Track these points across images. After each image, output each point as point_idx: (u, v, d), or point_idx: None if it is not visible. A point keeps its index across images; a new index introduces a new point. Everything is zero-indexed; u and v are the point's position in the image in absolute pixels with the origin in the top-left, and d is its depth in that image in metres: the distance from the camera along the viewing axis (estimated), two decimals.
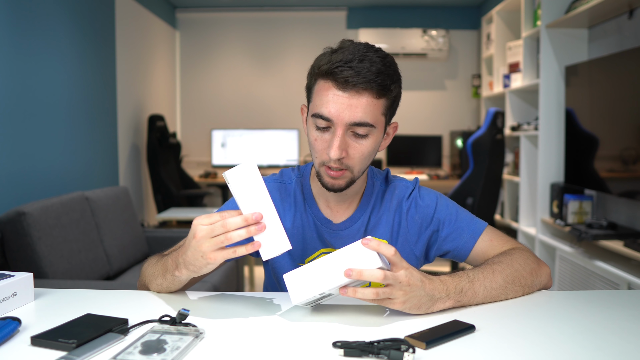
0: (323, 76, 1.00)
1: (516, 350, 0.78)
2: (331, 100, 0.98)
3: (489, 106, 4.64)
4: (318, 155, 1.03)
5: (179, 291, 1.07)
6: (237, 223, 0.86)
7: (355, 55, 0.98)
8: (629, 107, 2.58)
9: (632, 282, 2.33)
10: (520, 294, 1.04)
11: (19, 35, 2.59)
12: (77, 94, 3.22)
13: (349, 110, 0.97)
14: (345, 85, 0.97)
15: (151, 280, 1.05)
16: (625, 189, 2.66)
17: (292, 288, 0.89)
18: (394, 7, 5.32)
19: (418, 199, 1.15)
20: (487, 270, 1.01)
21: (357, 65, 0.96)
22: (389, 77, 1.00)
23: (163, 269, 1.01)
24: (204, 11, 5.37)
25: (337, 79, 0.97)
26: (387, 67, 1.00)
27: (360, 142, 1.01)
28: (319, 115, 1.00)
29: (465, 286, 0.96)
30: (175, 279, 0.98)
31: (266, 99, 5.41)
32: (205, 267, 0.92)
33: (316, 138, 1.02)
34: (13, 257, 2.18)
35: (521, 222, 3.70)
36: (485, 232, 1.13)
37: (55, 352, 0.76)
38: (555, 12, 3.23)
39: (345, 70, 0.96)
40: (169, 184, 4.19)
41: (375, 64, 0.98)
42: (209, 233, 0.87)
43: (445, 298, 0.93)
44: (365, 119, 0.98)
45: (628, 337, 0.84)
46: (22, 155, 2.63)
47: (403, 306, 0.89)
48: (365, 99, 0.98)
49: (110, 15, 3.74)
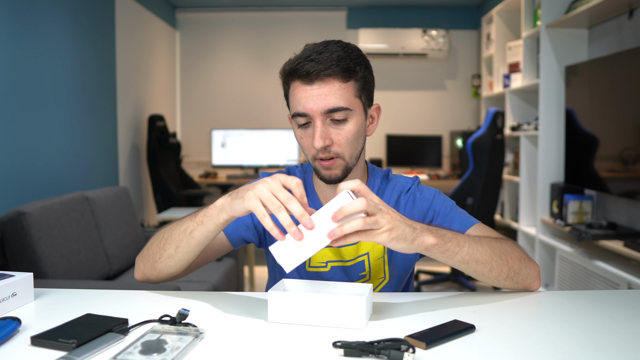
0: (289, 77, 1.04)
1: (516, 350, 0.78)
2: (301, 96, 1.02)
3: (489, 106, 4.64)
4: (307, 151, 1.06)
5: (179, 291, 1.07)
6: (294, 209, 0.85)
7: (313, 50, 1.01)
8: (629, 107, 2.58)
9: (632, 282, 2.33)
10: (505, 276, 1.01)
11: (19, 35, 2.59)
12: (77, 94, 3.22)
13: (320, 99, 1.00)
14: (309, 78, 1.00)
15: (165, 244, 1.03)
16: (625, 189, 2.66)
17: (281, 259, 0.88)
18: (394, 7, 5.32)
19: (417, 192, 1.16)
20: (474, 237, 1.00)
21: (316, 57, 1.00)
22: (352, 60, 1.02)
23: (180, 222, 1.01)
24: (204, 11, 5.37)
25: (301, 75, 1.01)
26: (349, 52, 1.03)
27: (341, 128, 1.03)
28: (296, 114, 1.03)
29: (447, 233, 0.95)
30: (207, 213, 0.96)
31: (266, 99, 5.41)
32: (237, 209, 0.91)
33: (301, 136, 1.06)
34: (13, 257, 2.18)
35: (521, 222, 3.70)
36: (477, 225, 1.12)
37: (55, 352, 0.76)
38: (555, 12, 3.23)
39: (306, 64, 1.00)
40: (169, 184, 4.19)
41: (335, 52, 1.01)
42: (273, 189, 0.87)
43: (427, 232, 0.91)
44: (338, 103, 1.00)
45: (628, 337, 0.84)
46: (22, 155, 2.63)
47: (390, 235, 0.86)
48: (332, 85, 1.00)
49: (110, 15, 3.74)
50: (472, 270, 0.99)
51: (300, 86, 1.02)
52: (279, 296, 0.90)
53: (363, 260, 1.13)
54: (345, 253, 1.13)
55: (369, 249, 1.13)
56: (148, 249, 1.09)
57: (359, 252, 1.13)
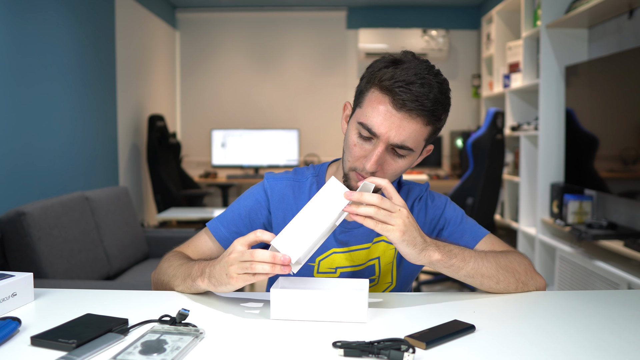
0: (381, 89, 0.99)
1: (516, 350, 0.78)
2: (381, 114, 0.98)
3: (489, 106, 4.64)
4: (352, 160, 1.03)
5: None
6: (264, 256, 0.89)
7: (417, 77, 0.97)
8: (629, 107, 2.58)
9: (632, 282, 2.33)
10: (514, 287, 1.05)
11: (19, 35, 2.59)
12: (78, 94, 3.22)
13: (396, 130, 0.98)
14: (402, 107, 0.97)
15: (171, 280, 1.06)
16: (625, 189, 2.66)
17: (284, 251, 0.91)
18: (394, 7, 5.32)
19: (428, 200, 1.18)
20: (480, 252, 1.04)
21: (417, 89, 0.96)
22: (443, 107, 1.00)
23: (185, 274, 1.03)
24: (204, 11, 5.37)
25: (395, 98, 0.97)
26: (444, 95, 1.00)
27: (396, 161, 1.02)
28: (365, 126, 1.00)
29: (454, 249, 1.00)
30: (193, 286, 1.01)
31: (266, 99, 5.41)
32: (224, 286, 0.94)
33: (355, 144, 1.02)
34: (13, 257, 2.18)
35: (521, 222, 3.69)
36: (487, 237, 1.15)
37: (55, 352, 0.76)
38: (555, 12, 3.23)
39: (405, 93, 0.96)
40: (169, 184, 4.19)
41: (434, 90, 0.97)
42: (239, 256, 0.90)
43: (434, 247, 0.96)
44: (408, 143, 0.99)
45: (628, 337, 0.84)
46: (22, 155, 2.63)
47: (402, 236, 0.91)
48: (415, 124, 0.98)
49: (110, 15, 3.74)
50: (479, 283, 1.03)
51: (386, 103, 0.98)
52: (281, 294, 0.91)
53: (374, 265, 1.14)
54: (356, 257, 1.13)
55: (380, 254, 1.14)
56: (161, 272, 1.12)
57: (371, 256, 1.13)
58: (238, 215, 1.14)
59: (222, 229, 1.14)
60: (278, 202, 1.14)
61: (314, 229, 0.91)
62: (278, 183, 1.16)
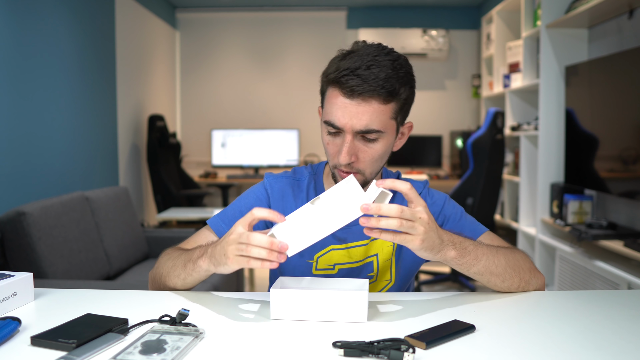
0: (331, 83, 1.01)
1: (516, 350, 0.78)
2: (339, 108, 0.99)
3: (489, 106, 4.64)
4: (331, 158, 1.06)
5: (179, 291, 1.07)
6: (260, 241, 0.87)
7: (363, 61, 0.97)
8: (629, 107, 2.58)
9: (632, 282, 2.33)
10: (516, 286, 1.06)
11: (19, 35, 2.59)
12: (77, 94, 3.22)
13: (356, 118, 0.98)
14: (352, 94, 0.97)
15: (170, 271, 1.06)
16: (625, 189, 2.66)
17: (285, 240, 0.89)
18: (394, 7, 5.32)
19: (427, 197, 1.18)
20: (492, 249, 1.04)
21: (363, 72, 0.96)
22: (398, 81, 0.99)
23: (186, 260, 1.02)
24: (204, 11, 5.37)
25: (344, 88, 0.98)
26: (397, 70, 0.99)
27: (370, 146, 1.02)
28: (329, 123, 1.02)
29: (469, 246, 0.99)
30: (195, 269, 1.00)
31: (266, 99, 5.41)
32: (222, 266, 0.93)
33: (328, 142, 1.05)
34: (13, 257, 2.18)
35: (521, 222, 3.70)
36: (486, 233, 1.15)
37: (55, 352, 0.76)
38: (555, 12, 3.23)
39: (352, 79, 0.97)
40: (169, 184, 4.19)
41: (385, 68, 0.97)
42: (238, 237, 0.89)
43: (451, 246, 0.95)
44: (372, 126, 0.99)
45: (628, 337, 0.84)
46: (22, 155, 2.63)
47: (422, 245, 0.89)
48: (372, 106, 0.98)
49: (110, 15, 3.74)
50: (486, 281, 1.03)
51: (339, 97, 0.99)
52: (281, 293, 0.91)
53: (372, 261, 1.14)
54: (354, 254, 1.13)
55: (378, 250, 1.14)
56: (159, 267, 1.12)
57: (369, 252, 1.14)
58: (239, 212, 1.15)
59: (223, 226, 1.14)
60: (278, 200, 1.16)
61: (319, 229, 0.89)
62: (278, 182, 1.18)
